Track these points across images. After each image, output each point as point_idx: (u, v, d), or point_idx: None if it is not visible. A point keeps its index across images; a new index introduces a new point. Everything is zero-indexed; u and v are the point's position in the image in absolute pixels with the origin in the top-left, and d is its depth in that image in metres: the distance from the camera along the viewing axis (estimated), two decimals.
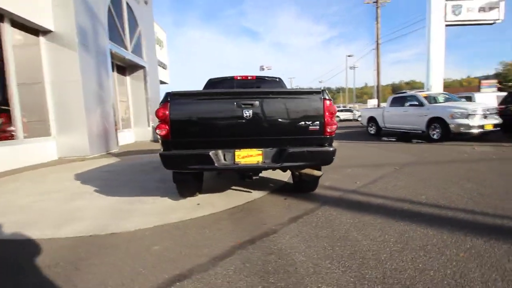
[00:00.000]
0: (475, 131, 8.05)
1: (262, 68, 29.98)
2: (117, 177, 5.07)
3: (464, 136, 8.32)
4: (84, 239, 2.52)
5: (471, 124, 7.95)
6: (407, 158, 6.18)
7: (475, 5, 14.23)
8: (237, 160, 2.71)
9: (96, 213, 3.17)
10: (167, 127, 2.64)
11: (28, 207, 3.47)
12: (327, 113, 2.71)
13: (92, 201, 3.64)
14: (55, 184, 4.68)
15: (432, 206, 3.06)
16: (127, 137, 11.62)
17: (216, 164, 2.64)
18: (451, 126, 8.24)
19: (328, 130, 2.74)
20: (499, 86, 33.16)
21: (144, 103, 12.42)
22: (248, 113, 2.64)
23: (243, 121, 2.66)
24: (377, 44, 24.44)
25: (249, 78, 4.76)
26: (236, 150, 2.70)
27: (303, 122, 2.71)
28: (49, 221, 2.96)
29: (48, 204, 3.56)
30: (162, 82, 16.20)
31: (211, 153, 2.62)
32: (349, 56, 36.78)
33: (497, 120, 8.31)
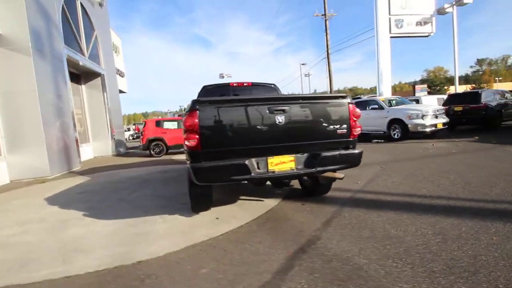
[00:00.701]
0: (428, 129, 9.15)
1: (222, 76, 29.79)
2: (101, 198, 4.48)
3: (419, 135, 9.40)
4: (110, 272, 2.15)
5: (426, 123, 9.02)
6: (383, 157, 6.72)
7: (413, 19, 16.22)
8: (270, 168, 2.63)
9: (103, 240, 2.75)
10: (197, 137, 2.44)
11: (8, 243, 2.85)
12: (352, 117, 2.81)
13: (89, 227, 3.15)
14: (27, 212, 3.94)
15: (438, 198, 3.36)
16: (85, 153, 10.40)
17: (252, 174, 2.51)
18: (409, 126, 9.23)
19: (354, 132, 2.84)
20: (429, 90, 38.52)
21: (102, 114, 11.30)
22: (280, 119, 2.59)
23: (275, 127, 2.60)
24: (328, 53, 26.40)
25: (245, 84, 4.70)
26: (268, 157, 2.62)
27: (332, 126, 2.76)
28: (49, 257, 2.46)
29: (34, 236, 2.97)
30: (119, 91, 14.98)
31: (247, 162, 2.49)
32: (302, 64, 38.95)
33: (445, 119, 9.58)
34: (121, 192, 4.80)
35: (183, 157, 9.95)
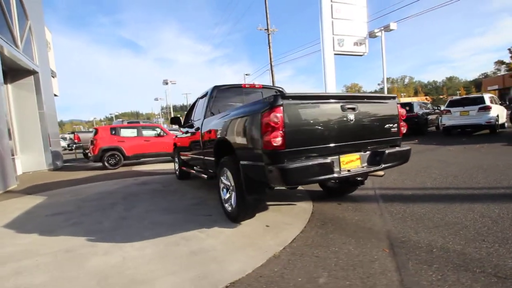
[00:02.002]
0: None
1: (165, 82, 28.00)
2: (92, 219, 3.62)
3: None
4: None
5: None
6: None
7: (352, 40, 18.41)
8: (342, 166, 2.58)
9: (157, 266, 2.21)
10: (282, 135, 2.23)
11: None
12: (401, 116, 3.02)
13: (118, 254, 2.49)
14: None
15: (447, 189, 3.85)
16: None
17: (335, 173, 2.42)
18: None
19: (402, 131, 3.04)
20: None
21: (35, 121, 9.21)
22: (351, 116, 2.60)
23: (346, 125, 2.59)
24: (271, 65, 28.05)
25: (256, 86, 4.56)
26: (340, 156, 2.57)
27: (387, 125, 2.90)
28: None
29: (41, 275, 2.17)
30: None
31: (329, 160, 2.39)
32: (246, 74, 39.85)
33: None
34: (112, 210, 3.97)
35: (146, 168, 8.90)
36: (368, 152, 2.78)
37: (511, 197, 3.29)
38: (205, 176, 4.20)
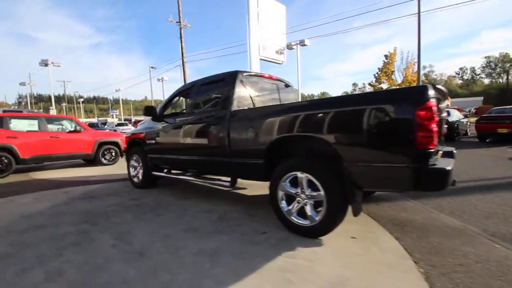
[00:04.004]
0: None
1: (45, 64, 20.88)
2: (74, 264, 2.18)
3: None
4: None
5: None
6: None
7: (274, 48, 19.56)
8: None
9: None
10: (436, 131, 1.94)
11: None
12: None
13: None
14: None
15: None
16: None
17: None
18: None
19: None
20: None
21: None
22: (443, 114, 2.59)
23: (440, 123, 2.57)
24: (182, 61, 26.60)
25: (273, 78, 4.01)
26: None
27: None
28: None
29: None
30: None
31: None
32: (152, 67, 35.58)
33: None
34: (93, 242, 2.52)
35: (54, 175, 6.43)
36: (440, 152, 2.84)
37: (482, 188, 4.14)
38: (225, 184, 3.32)
